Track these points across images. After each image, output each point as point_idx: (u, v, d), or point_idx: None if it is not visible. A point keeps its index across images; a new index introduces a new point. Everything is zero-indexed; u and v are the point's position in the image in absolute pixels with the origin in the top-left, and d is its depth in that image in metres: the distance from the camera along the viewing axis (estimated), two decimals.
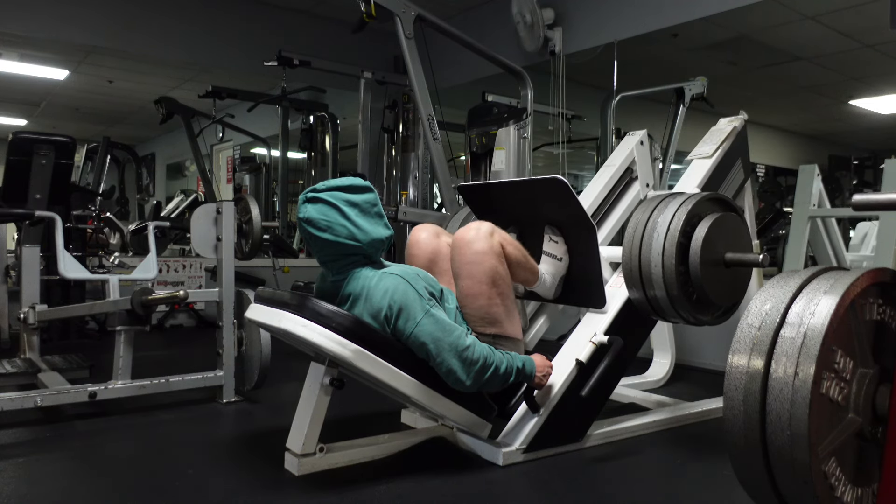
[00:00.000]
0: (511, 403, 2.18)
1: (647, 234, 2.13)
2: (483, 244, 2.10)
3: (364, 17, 3.61)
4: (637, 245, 2.15)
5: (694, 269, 2.07)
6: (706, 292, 2.10)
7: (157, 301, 2.69)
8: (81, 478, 1.97)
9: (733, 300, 2.25)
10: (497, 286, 2.12)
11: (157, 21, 5.23)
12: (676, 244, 2.06)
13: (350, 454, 2.06)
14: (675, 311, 2.15)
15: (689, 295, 2.13)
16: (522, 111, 4.28)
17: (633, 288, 2.21)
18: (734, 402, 1.30)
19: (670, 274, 2.07)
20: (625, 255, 2.20)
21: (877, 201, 1.40)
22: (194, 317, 5.30)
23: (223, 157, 7.64)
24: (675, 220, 2.09)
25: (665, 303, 2.13)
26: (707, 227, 2.08)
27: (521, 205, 2.54)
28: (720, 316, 2.28)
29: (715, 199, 2.20)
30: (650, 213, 2.17)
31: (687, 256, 2.09)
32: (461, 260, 2.12)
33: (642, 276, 2.14)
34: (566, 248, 2.42)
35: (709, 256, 2.08)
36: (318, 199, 1.97)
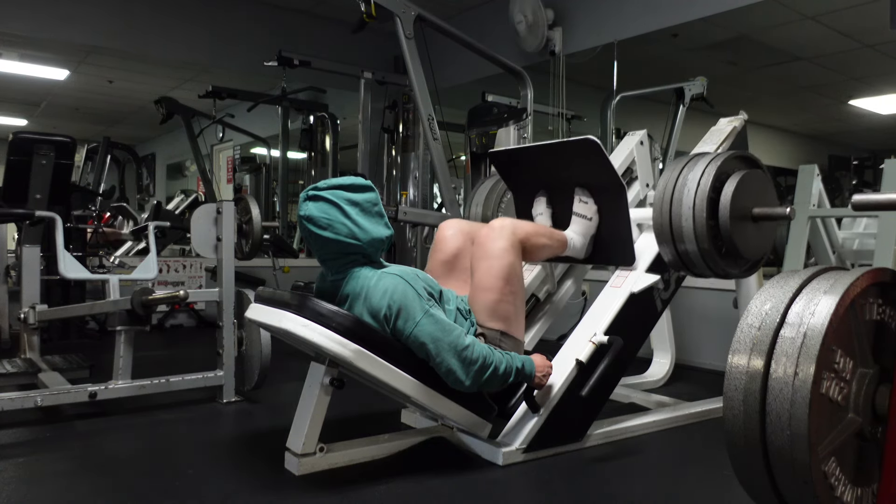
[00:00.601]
0: (511, 403, 2.18)
1: (677, 190, 2.21)
2: (505, 241, 2.18)
3: (364, 17, 3.61)
4: (668, 201, 2.23)
5: (724, 222, 2.16)
6: (735, 245, 2.18)
7: (157, 301, 2.69)
8: (81, 478, 1.97)
9: (761, 254, 2.34)
10: (511, 284, 2.17)
11: (157, 21, 5.23)
12: (707, 199, 2.14)
13: (350, 454, 2.06)
14: (706, 264, 2.23)
15: (718, 248, 2.21)
16: (522, 111, 4.28)
17: (664, 243, 2.28)
18: (734, 402, 1.30)
19: (701, 228, 2.15)
20: (655, 212, 2.27)
21: (877, 201, 1.40)
22: (194, 317, 5.30)
23: (223, 157, 7.64)
24: (706, 176, 2.16)
25: (696, 256, 2.21)
26: (736, 182, 2.16)
27: (551, 168, 2.61)
28: (748, 269, 2.36)
29: (741, 156, 2.28)
30: (679, 171, 2.24)
31: (717, 211, 2.17)
32: (481, 254, 2.19)
33: (673, 231, 2.22)
34: (596, 209, 2.51)
35: (738, 210, 2.17)
36: (319, 197, 1.97)
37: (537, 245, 2.34)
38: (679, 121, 5.09)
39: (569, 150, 2.48)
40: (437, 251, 2.40)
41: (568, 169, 2.53)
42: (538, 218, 2.65)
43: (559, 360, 2.25)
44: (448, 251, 2.37)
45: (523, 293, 2.27)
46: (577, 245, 2.49)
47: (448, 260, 2.35)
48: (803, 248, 3.51)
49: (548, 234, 2.41)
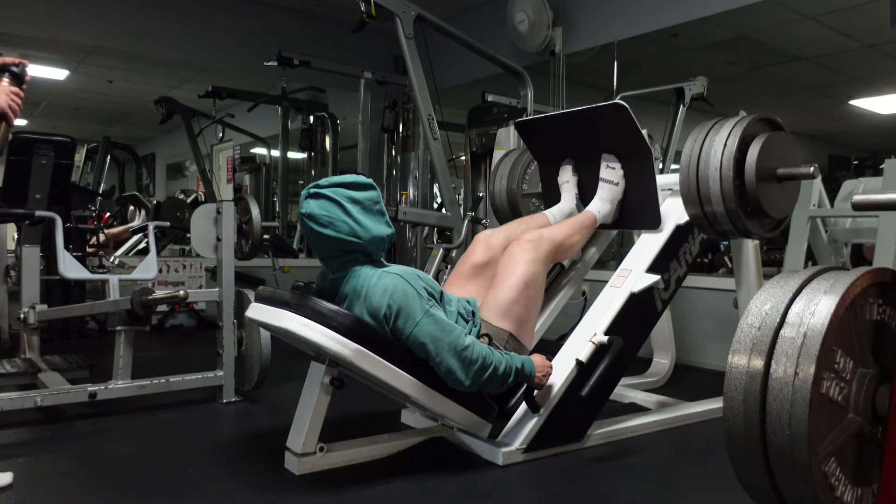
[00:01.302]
0: (511, 403, 2.18)
1: (703, 152, 2.27)
2: (534, 253, 2.26)
3: (364, 17, 3.61)
4: (695, 163, 2.28)
5: (750, 182, 2.21)
6: (761, 204, 2.23)
7: (157, 301, 2.69)
8: (81, 478, 1.97)
9: (785, 213, 2.39)
10: (530, 289, 2.22)
11: (157, 21, 5.23)
12: (734, 160, 2.19)
13: (350, 454, 2.06)
14: (732, 224, 2.28)
15: (744, 208, 2.26)
16: (522, 111, 4.28)
17: (690, 205, 2.34)
18: (734, 402, 1.30)
19: (728, 188, 2.21)
20: (682, 174, 2.32)
21: (877, 201, 1.40)
22: (194, 317, 5.30)
23: (223, 157, 7.64)
24: (731, 138, 2.23)
25: (722, 216, 2.27)
26: (761, 144, 2.21)
27: (577, 135, 2.67)
28: (772, 229, 2.42)
29: (764, 119, 2.33)
30: (705, 134, 2.30)
31: (743, 172, 2.22)
32: (509, 258, 2.27)
33: (700, 192, 2.28)
34: (623, 174, 2.58)
35: (763, 171, 2.22)
36: (320, 195, 1.97)
37: (568, 245, 2.43)
38: (679, 121, 5.09)
39: (597, 116, 2.53)
40: (471, 254, 2.45)
41: (595, 135, 2.59)
42: (564, 186, 2.72)
43: (559, 360, 2.25)
44: (481, 257, 2.41)
45: (539, 304, 2.31)
46: (605, 211, 2.58)
47: (478, 265, 2.39)
48: (803, 248, 3.51)
49: (576, 228, 2.48)
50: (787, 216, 2.44)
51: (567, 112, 2.66)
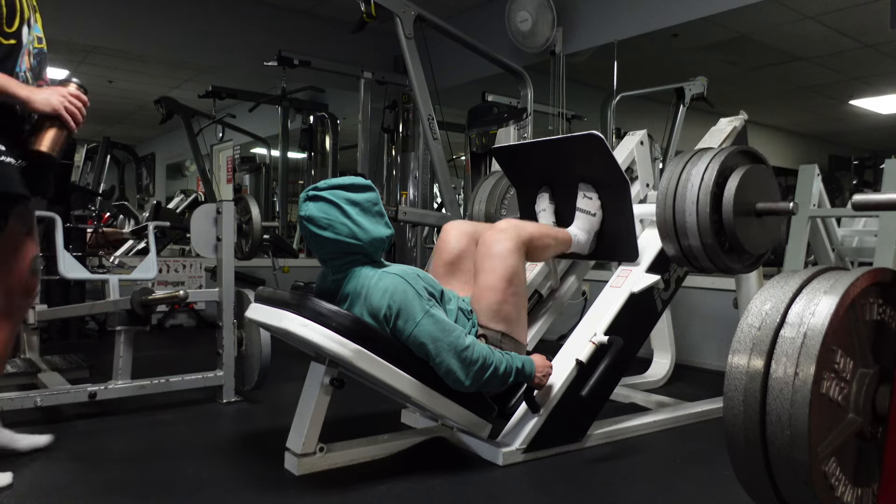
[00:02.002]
0: (511, 403, 2.18)
1: (680, 185, 2.21)
2: (510, 243, 2.17)
3: (364, 17, 3.61)
4: (671, 197, 2.23)
5: (727, 217, 2.16)
6: (739, 240, 2.18)
7: (157, 301, 2.69)
8: (81, 478, 1.97)
9: (764, 249, 2.33)
10: (514, 285, 2.17)
11: (157, 21, 5.23)
12: (710, 194, 2.14)
13: (350, 454, 2.06)
14: (709, 259, 2.23)
15: (721, 243, 2.21)
16: (522, 111, 4.28)
17: (667, 239, 2.28)
18: (734, 402, 1.30)
19: (705, 223, 2.16)
20: (659, 208, 2.27)
21: (877, 201, 1.40)
22: (194, 317, 5.30)
23: (223, 157, 7.63)
24: (709, 171, 2.17)
25: (699, 252, 2.21)
26: (739, 177, 2.16)
27: (554, 164, 2.61)
28: (751, 264, 2.36)
29: (744, 151, 2.28)
30: (683, 166, 2.24)
31: (720, 206, 2.17)
32: (485, 253, 2.19)
33: (676, 226, 2.22)
34: (600, 204, 2.51)
35: (741, 206, 2.17)
36: (319, 198, 1.97)
37: (542, 246, 2.34)
38: (679, 121, 5.09)
39: (572, 146, 2.49)
40: (440, 251, 2.40)
41: (572, 164, 2.53)
42: (541, 214, 2.65)
43: (559, 360, 2.25)
44: (451, 252, 2.37)
45: (526, 295, 2.27)
46: (581, 241, 2.50)
47: (451, 261, 2.34)
48: (803, 248, 3.51)
49: (552, 234, 2.41)
50: (766, 252, 2.35)
51: (544, 140, 2.60)
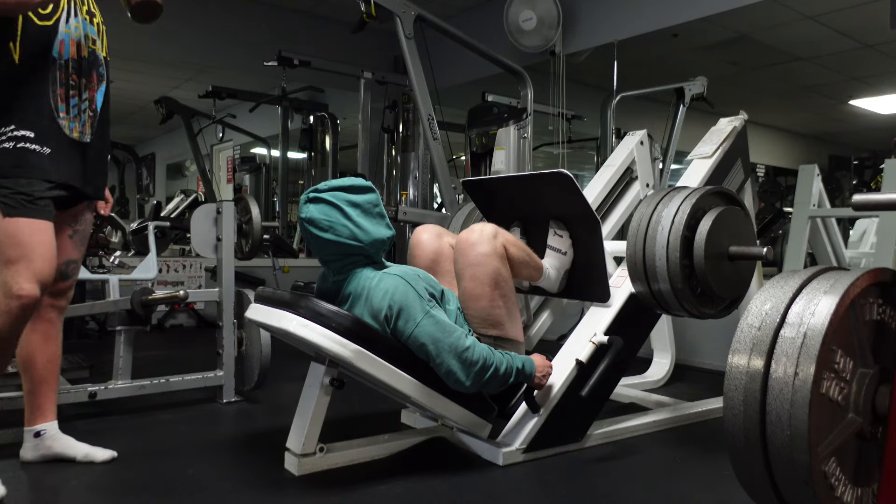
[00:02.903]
0: (511, 403, 2.18)
1: (651, 227, 2.15)
2: (486, 246, 2.10)
3: (364, 17, 3.61)
4: (641, 239, 2.17)
5: (698, 262, 2.09)
6: (710, 285, 2.12)
7: (157, 301, 2.69)
8: (81, 478, 1.97)
9: (737, 293, 2.27)
10: (499, 288, 2.12)
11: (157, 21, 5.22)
12: (681, 237, 2.08)
13: (350, 454, 2.06)
14: (680, 305, 2.18)
15: (693, 288, 2.15)
16: (522, 111, 4.28)
17: (637, 281, 2.23)
18: (734, 402, 1.30)
19: (675, 267, 2.09)
20: (629, 249, 2.22)
21: (877, 201, 1.40)
22: (194, 317, 5.30)
23: (223, 157, 7.63)
24: (680, 213, 2.11)
25: (669, 296, 2.16)
26: (711, 220, 2.10)
27: (525, 199, 2.56)
28: (724, 309, 2.29)
29: (719, 192, 2.23)
30: (654, 206, 2.18)
31: (691, 250, 2.11)
32: (464, 262, 2.13)
33: (647, 269, 2.16)
34: (571, 242, 2.44)
35: (713, 250, 2.10)
36: (319, 199, 1.97)
37: (518, 257, 2.21)
38: (679, 121, 5.09)
39: (542, 183, 2.42)
40: (415, 257, 2.37)
41: (542, 201, 2.47)
42: None
43: (559, 360, 2.25)
44: (426, 256, 2.34)
45: (514, 294, 2.20)
46: (552, 278, 2.40)
47: (428, 265, 2.31)
48: (803, 248, 3.51)
49: (526, 250, 2.29)
50: (740, 296, 2.29)
51: (513, 176, 2.55)
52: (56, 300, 2.12)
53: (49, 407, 2.11)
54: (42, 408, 2.09)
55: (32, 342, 2.08)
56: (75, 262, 2.10)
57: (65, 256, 2.04)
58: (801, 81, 6.96)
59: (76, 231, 2.08)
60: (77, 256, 2.10)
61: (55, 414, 2.12)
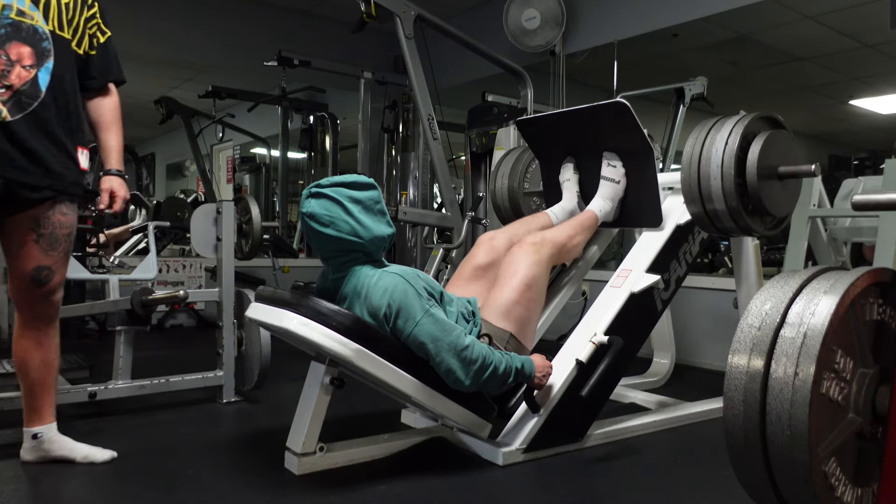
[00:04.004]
0: (511, 403, 2.18)
1: (705, 150, 2.27)
2: (536, 256, 2.27)
3: (364, 17, 3.61)
4: (696, 161, 2.29)
5: (751, 181, 2.22)
6: (763, 203, 2.24)
7: (157, 301, 2.69)
8: (81, 478, 1.97)
9: (786, 211, 2.40)
10: (532, 290, 2.23)
11: (158, 21, 5.23)
12: (735, 158, 2.20)
13: (350, 454, 2.06)
14: (734, 222, 2.28)
15: (745, 206, 2.27)
16: (522, 111, 4.28)
17: (692, 203, 2.34)
18: (734, 402, 1.30)
19: (729, 186, 2.22)
20: (684, 172, 2.33)
21: (877, 201, 1.40)
22: (194, 317, 5.30)
23: (223, 157, 7.64)
24: (732, 136, 2.23)
25: (724, 214, 2.27)
26: (762, 142, 2.22)
27: (579, 134, 2.68)
28: (773, 226, 2.42)
29: (766, 117, 2.34)
30: (707, 132, 2.30)
31: (744, 170, 2.23)
32: (510, 260, 2.28)
33: (701, 190, 2.28)
34: (624, 172, 2.58)
35: (764, 169, 2.23)
36: (321, 195, 1.97)
37: (571, 247, 2.44)
38: (679, 121, 5.09)
39: (598, 115, 2.53)
40: (473, 256, 2.46)
41: (595, 134, 2.59)
42: (565, 184, 2.73)
43: (559, 360, 2.25)
44: (484, 259, 2.42)
45: (541, 306, 2.32)
46: (607, 209, 2.58)
47: (481, 266, 2.40)
48: (803, 248, 3.51)
49: (578, 229, 2.49)
50: (788, 214, 2.43)
51: (568, 111, 2.66)
52: (37, 306, 2.01)
53: (46, 410, 2.07)
54: (39, 411, 2.06)
55: (24, 347, 2.03)
56: (48, 269, 1.97)
57: (33, 263, 1.93)
58: (801, 81, 6.96)
59: (41, 235, 1.92)
60: (49, 262, 1.96)
61: (53, 416, 2.09)
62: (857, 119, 8.38)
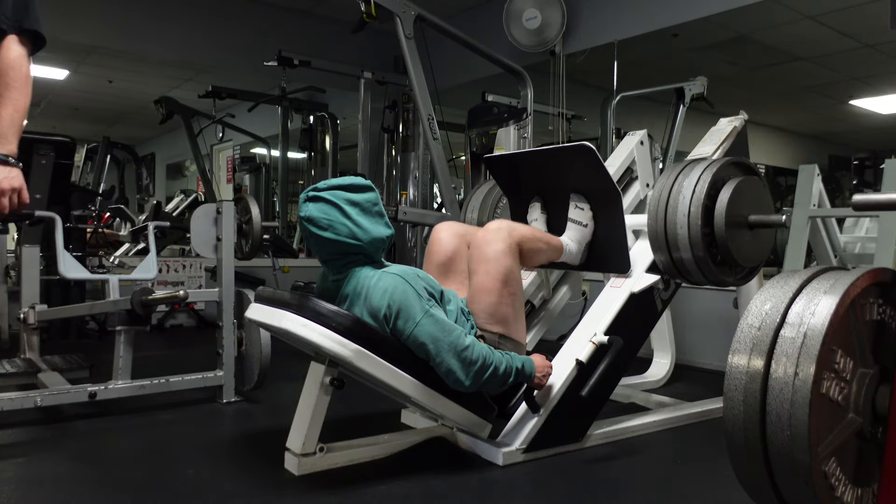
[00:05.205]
0: (511, 403, 2.18)
1: (672, 197, 2.20)
2: (502, 244, 2.16)
3: (364, 17, 3.61)
4: (663, 208, 2.22)
5: (719, 230, 2.15)
6: (731, 253, 2.17)
7: (157, 301, 2.69)
8: (81, 478, 1.97)
9: (757, 261, 2.32)
10: (509, 286, 2.16)
11: (157, 21, 5.23)
12: (702, 206, 2.13)
13: (350, 454, 2.06)
14: (700, 273, 2.22)
15: (713, 256, 2.20)
16: (522, 111, 4.28)
17: (658, 251, 2.27)
18: (734, 402, 1.30)
19: (696, 236, 2.15)
20: (650, 219, 2.26)
21: (877, 201, 1.40)
22: (194, 317, 5.30)
23: (223, 157, 7.64)
24: (701, 183, 2.16)
25: (690, 264, 2.20)
26: (731, 189, 2.15)
27: (546, 174, 2.60)
28: (743, 277, 2.35)
29: (737, 163, 2.27)
30: (675, 177, 2.23)
31: (712, 219, 2.16)
32: (479, 257, 2.17)
33: (668, 238, 2.21)
34: (591, 215, 2.49)
35: (733, 218, 2.16)
36: (319, 198, 1.97)
37: (534, 249, 2.32)
38: (679, 121, 5.09)
39: (564, 156, 2.46)
40: (432, 253, 2.40)
41: (563, 174, 2.51)
42: (533, 223, 2.64)
43: (559, 360, 2.25)
44: (444, 253, 2.37)
45: (522, 295, 2.26)
46: (573, 251, 2.47)
47: (444, 262, 2.35)
48: (803, 248, 3.51)
49: (544, 238, 2.40)
50: (759, 264, 2.34)
51: (535, 150, 2.58)
52: None
53: None
54: None
55: None
56: None
57: None
58: (801, 81, 6.96)
59: None
60: None
61: None
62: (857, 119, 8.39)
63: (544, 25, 4.74)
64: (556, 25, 4.72)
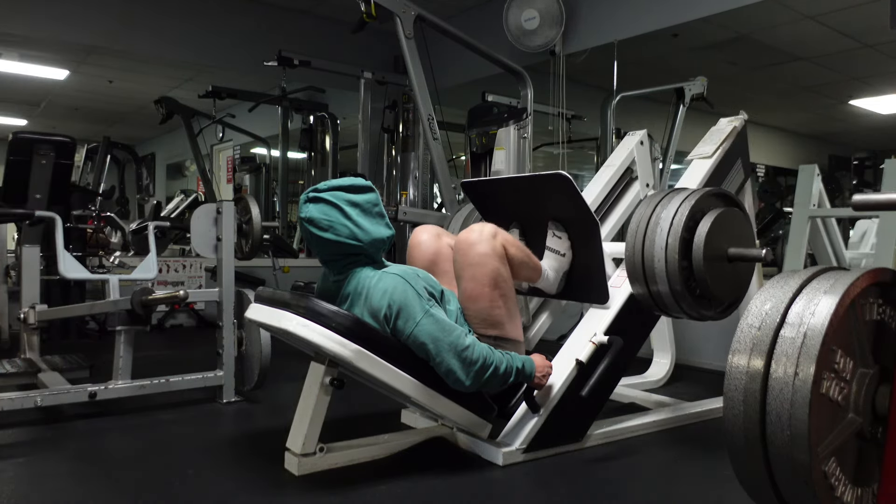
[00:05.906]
0: (511, 403, 2.18)
1: (650, 229, 2.14)
2: (485, 246, 2.10)
3: (364, 17, 3.61)
4: (640, 240, 2.16)
5: (697, 264, 2.09)
6: (709, 287, 2.11)
7: (157, 301, 2.69)
8: (81, 478, 1.97)
9: (736, 295, 2.26)
10: (499, 288, 2.12)
11: (158, 21, 5.23)
12: (680, 239, 2.08)
13: (350, 454, 2.06)
14: (678, 306, 2.17)
15: (691, 290, 2.14)
16: (522, 111, 4.28)
17: (636, 283, 2.22)
18: (734, 402, 1.30)
19: (673, 269, 2.08)
20: (628, 251, 2.21)
21: (877, 201, 1.40)
22: (194, 317, 5.30)
23: (223, 157, 7.65)
24: (679, 215, 2.10)
25: (668, 298, 2.15)
26: (710, 222, 2.09)
27: (524, 201, 2.54)
28: (723, 311, 2.28)
29: (718, 194, 2.22)
30: (653, 208, 2.18)
31: (690, 251, 2.10)
32: (463, 262, 2.12)
33: (645, 271, 2.16)
34: (569, 244, 2.43)
35: (712, 251, 2.10)
36: (319, 199, 1.98)
37: (516, 257, 2.19)
38: (679, 121, 5.09)
39: (540, 184, 2.41)
40: (413, 258, 2.36)
41: (541, 202, 2.46)
42: None
43: (559, 360, 2.25)
44: (425, 257, 2.34)
45: (513, 294, 2.20)
46: (550, 279, 2.39)
47: (425, 266, 2.30)
48: (803, 248, 3.51)
49: (525, 251, 2.28)
50: (739, 298, 2.28)
51: (511, 178, 2.54)
52: None
53: None
54: None
55: None
56: None
57: None
58: (801, 81, 6.97)
59: None
60: None
61: None
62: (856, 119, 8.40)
63: (543, 26, 4.74)
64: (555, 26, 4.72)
